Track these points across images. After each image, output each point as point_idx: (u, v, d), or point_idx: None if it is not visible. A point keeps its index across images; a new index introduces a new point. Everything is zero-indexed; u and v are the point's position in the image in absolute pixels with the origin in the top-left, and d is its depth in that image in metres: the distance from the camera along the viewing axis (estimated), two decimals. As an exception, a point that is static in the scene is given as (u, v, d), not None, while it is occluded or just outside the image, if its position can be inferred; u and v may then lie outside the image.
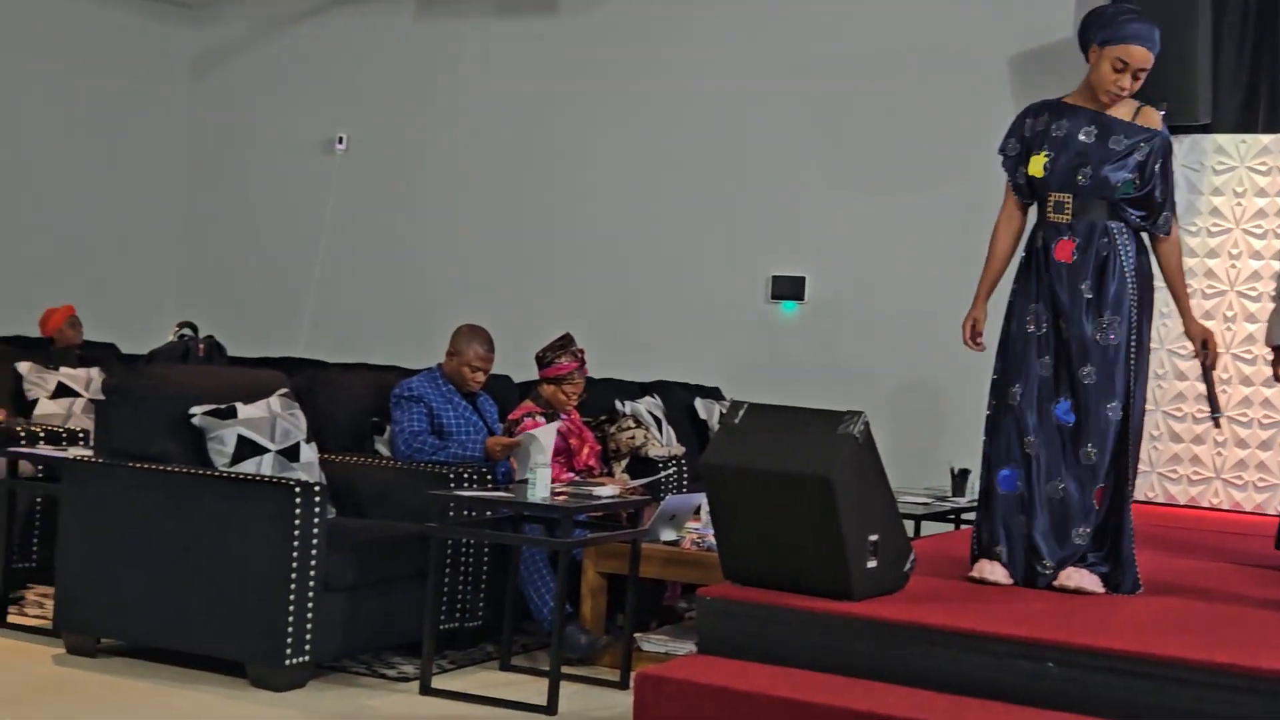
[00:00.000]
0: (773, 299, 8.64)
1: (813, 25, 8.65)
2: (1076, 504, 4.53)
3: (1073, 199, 4.59)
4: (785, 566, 4.21)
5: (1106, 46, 4.54)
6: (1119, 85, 4.54)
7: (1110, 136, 4.57)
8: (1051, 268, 4.60)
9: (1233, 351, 7.48)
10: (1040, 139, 4.65)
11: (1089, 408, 4.53)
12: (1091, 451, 4.53)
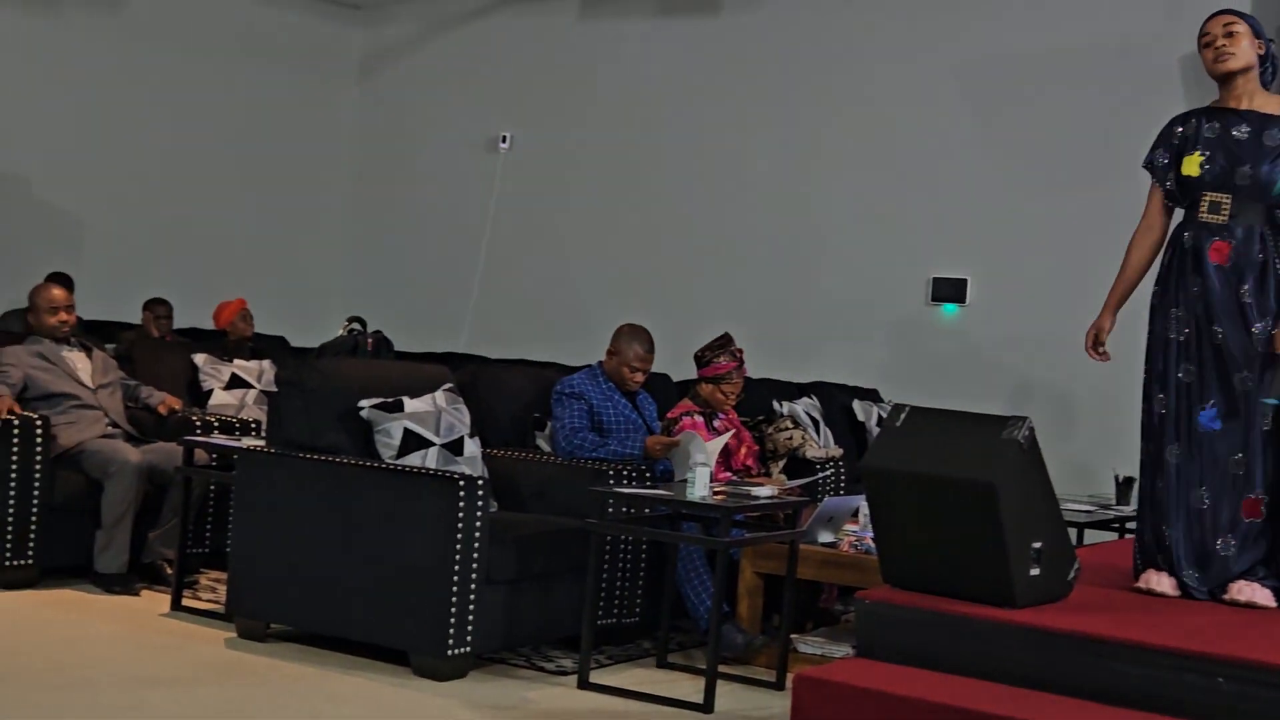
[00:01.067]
0: (933, 301, 8.56)
1: (977, 23, 8.56)
2: (1221, 514, 4.43)
3: (1231, 199, 4.49)
4: (946, 572, 4.18)
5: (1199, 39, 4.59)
6: (1214, 52, 4.50)
7: (1265, 132, 4.48)
8: (1205, 270, 4.50)
9: None
10: (1193, 141, 4.57)
11: (1242, 414, 4.42)
12: (1241, 460, 4.42)
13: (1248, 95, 4.58)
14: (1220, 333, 4.48)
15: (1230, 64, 4.55)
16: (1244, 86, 4.58)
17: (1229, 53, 4.54)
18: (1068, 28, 8.31)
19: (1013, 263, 8.34)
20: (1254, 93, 4.59)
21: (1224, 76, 4.59)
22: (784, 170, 9.06)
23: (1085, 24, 8.26)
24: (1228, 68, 4.56)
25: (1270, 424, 4.45)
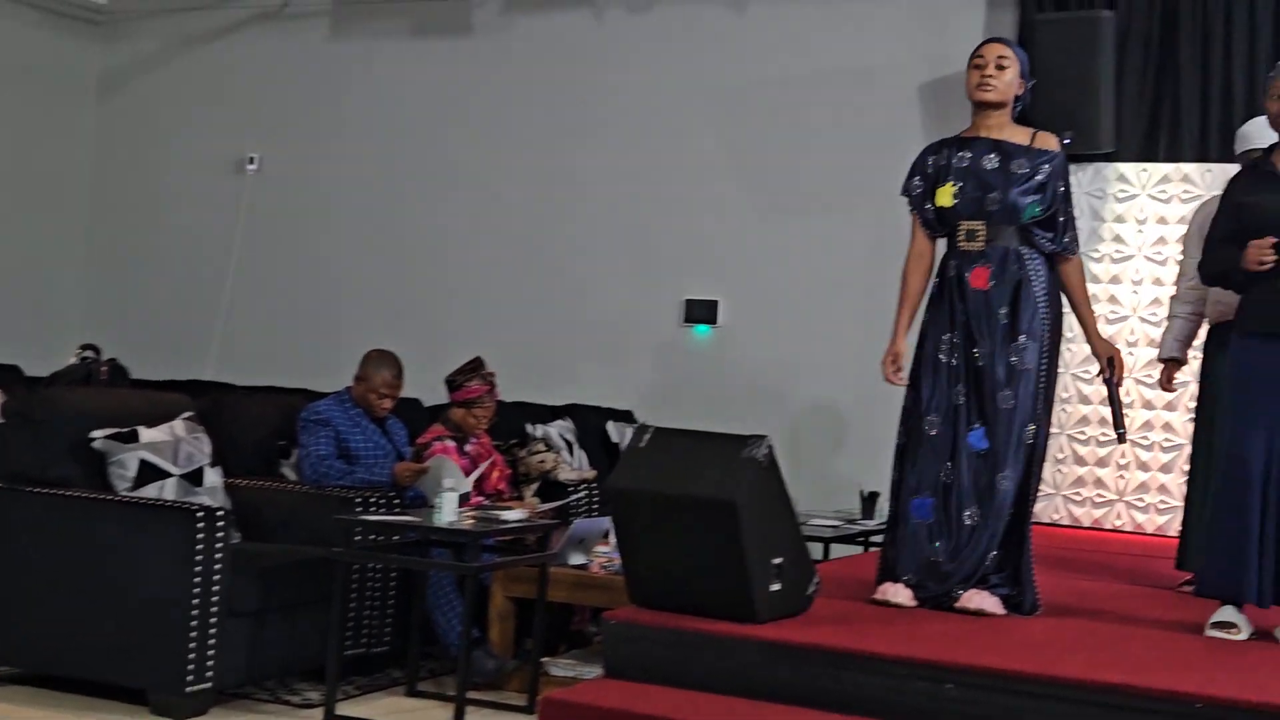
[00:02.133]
0: (686, 322, 8.67)
1: (727, 49, 8.71)
2: (988, 530, 4.59)
3: (985, 226, 4.67)
4: (690, 590, 4.23)
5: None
6: (980, 77, 4.66)
7: (1012, 161, 4.66)
8: (967, 296, 4.66)
9: (1135, 376, 7.60)
10: (945, 171, 4.74)
11: (1004, 433, 4.59)
12: (1004, 478, 4.59)
13: (999, 127, 4.77)
14: (982, 356, 4.64)
15: (990, 95, 4.72)
16: (996, 118, 4.77)
17: (992, 84, 4.70)
18: (815, 55, 8.52)
19: (762, 285, 8.50)
20: (1004, 125, 4.78)
21: (980, 104, 4.76)
22: (537, 192, 9.06)
23: (831, 51, 8.47)
24: (986, 98, 4.72)
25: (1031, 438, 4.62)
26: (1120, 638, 4.40)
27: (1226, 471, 4.49)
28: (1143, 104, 7.82)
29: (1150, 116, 7.81)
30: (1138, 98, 7.82)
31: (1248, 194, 4.54)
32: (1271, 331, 4.43)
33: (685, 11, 8.84)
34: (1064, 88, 7.56)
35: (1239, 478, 4.43)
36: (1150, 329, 7.59)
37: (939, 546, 4.59)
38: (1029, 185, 4.65)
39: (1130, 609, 4.96)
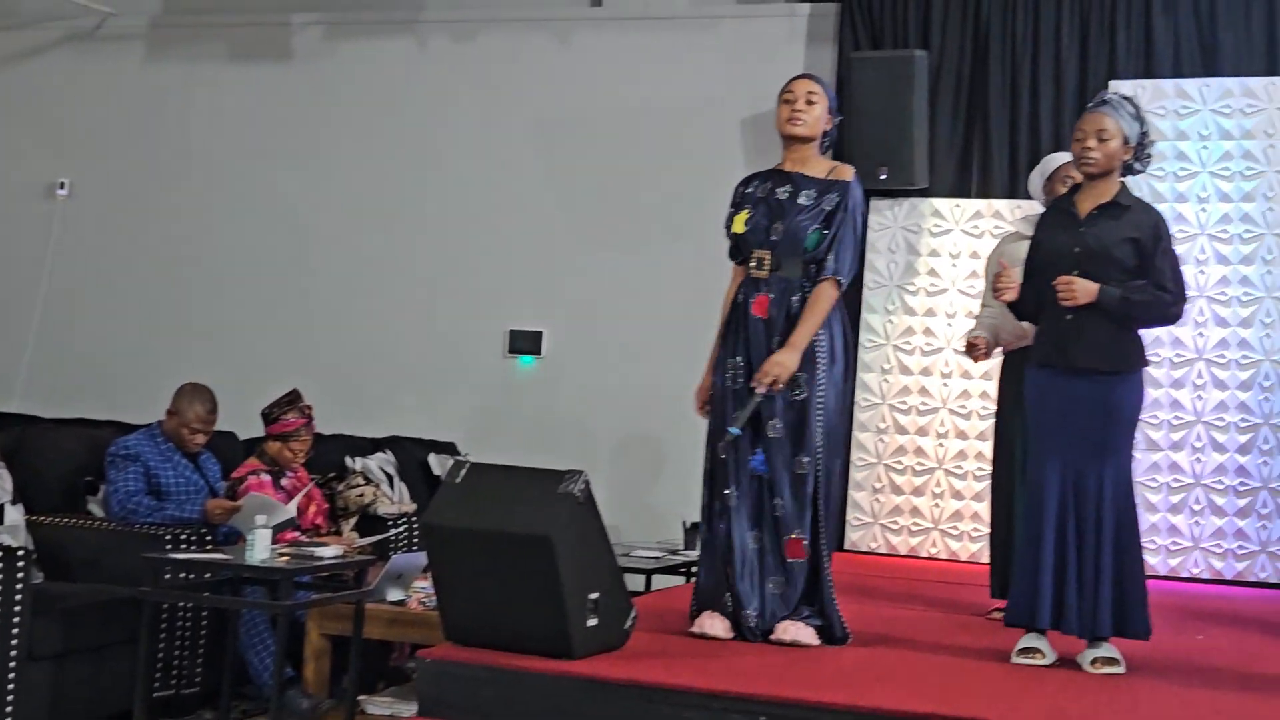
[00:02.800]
0: (510, 353, 8.64)
1: (551, 80, 8.74)
2: (769, 555, 4.65)
3: (770, 255, 4.74)
4: (506, 626, 4.19)
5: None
6: (790, 112, 4.74)
7: (801, 193, 4.75)
8: (749, 323, 4.73)
9: (950, 406, 7.78)
10: (745, 200, 4.82)
11: (778, 461, 4.65)
12: (780, 504, 4.64)
13: (803, 160, 4.84)
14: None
15: (799, 129, 4.79)
16: (802, 152, 4.84)
17: (801, 119, 4.78)
18: (638, 87, 8.59)
19: (587, 315, 8.52)
20: (809, 159, 4.85)
21: (789, 138, 4.83)
22: (358, 222, 8.96)
23: (655, 84, 8.55)
24: (796, 132, 4.80)
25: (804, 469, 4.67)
26: (930, 666, 4.47)
27: (1028, 501, 4.62)
28: (955, 141, 8.04)
29: (962, 153, 8.04)
30: (950, 135, 8.04)
31: (1042, 232, 4.69)
32: (1061, 365, 4.56)
33: (509, 42, 8.85)
34: (880, 124, 7.75)
35: (1036, 507, 4.56)
36: (964, 360, 7.77)
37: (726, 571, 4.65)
38: (813, 215, 4.73)
39: (942, 637, 5.05)
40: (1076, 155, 4.65)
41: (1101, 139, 4.58)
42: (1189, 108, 7.58)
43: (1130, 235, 4.56)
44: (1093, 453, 4.52)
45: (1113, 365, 4.54)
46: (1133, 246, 4.55)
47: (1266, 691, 4.37)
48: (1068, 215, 4.66)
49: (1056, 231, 4.65)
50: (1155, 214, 4.66)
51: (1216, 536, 7.36)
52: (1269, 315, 7.34)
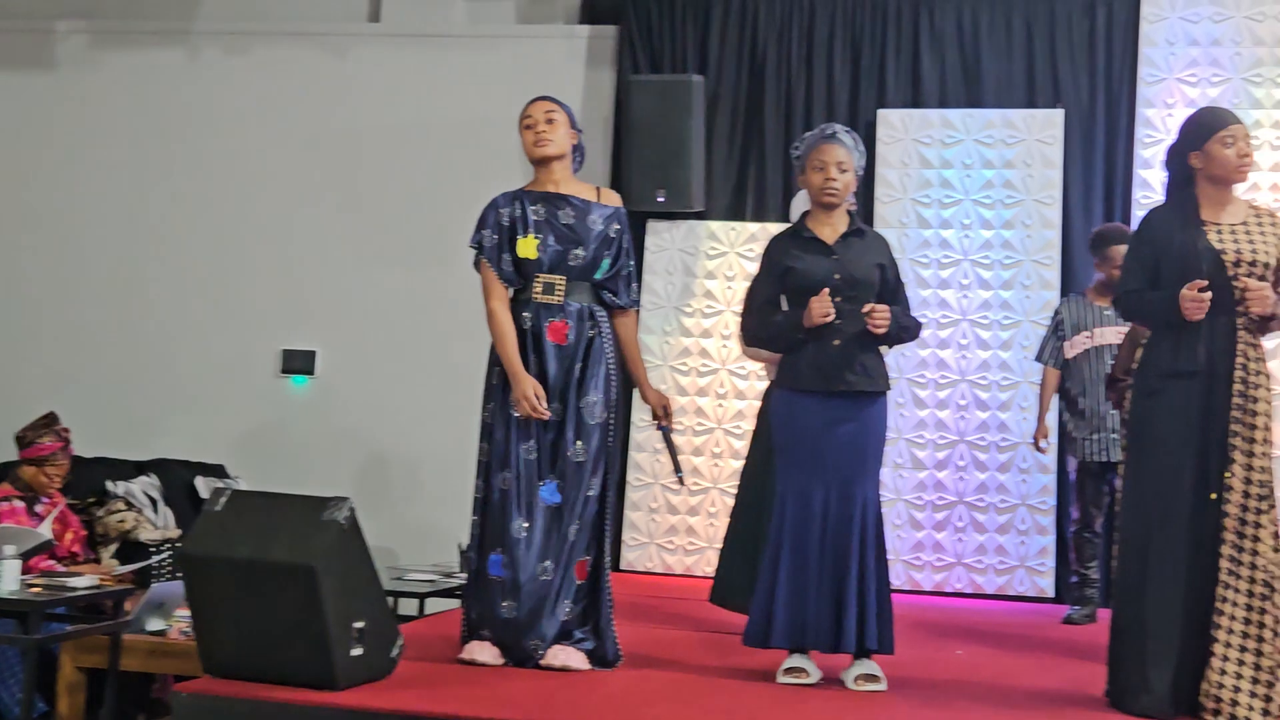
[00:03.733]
0: (283, 373, 8.47)
1: (328, 95, 8.60)
2: (561, 582, 4.63)
3: (565, 280, 4.73)
4: (268, 658, 4.09)
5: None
6: (535, 135, 4.79)
7: (588, 216, 4.76)
8: (544, 350, 4.71)
9: (725, 426, 7.89)
10: (523, 223, 4.77)
11: (574, 486, 4.65)
12: (575, 529, 4.65)
13: (564, 180, 4.85)
14: (553, 408, 4.68)
15: (549, 150, 4.80)
16: (559, 171, 4.85)
17: (549, 139, 4.79)
18: (417, 105, 8.51)
19: (362, 335, 8.40)
20: (568, 179, 4.87)
21: (541, 160, 4.83)
22: (122, 237, 8.67)
23: (434, 102, 8.49)
24: (547, 152, 4.81)
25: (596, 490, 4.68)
26: (698, 688, 4.51)
27: (783, 523, 4.68)
28: (731, 165, 8.17)
29: (738, 177, 8.17)
30: (727, 159, 8.16)
31: (796, 260, 4.76)
32: (825, 389, 4.66)
33: (284, 55, 8.68)
34: (658, 147, 7.82)
35: (796, 530, 4.64)
36: (738, 381, 7.89)
37: (513, 604, 4.60)
38: (603, 241, 4.77)
39: (711, 658, 5.10)
40: (819, 186, 4.76)
41: (842, 170, 4.74)
42: (954, 137, 7.83)
43: (878, 260, 4.74)
44: (851, 473, 4.63)
45: (873, 386, 4.68)
46: (880, 272, 4.72)
47: (1020, 706, 4.51)
48: (816, 243, 4.76)
49: (811, 258, 4.74)
50: (885, 240, 4.90)
51: (978, 552, 7.60)
52: (1027, 338, 7.61)
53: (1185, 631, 4.38)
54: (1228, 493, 4.36)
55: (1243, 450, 4.37)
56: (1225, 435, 4.39)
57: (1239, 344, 4.43)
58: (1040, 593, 7.52)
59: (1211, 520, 4.38)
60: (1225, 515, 4.35)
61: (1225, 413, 4.40)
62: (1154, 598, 4.41)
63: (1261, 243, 4.48)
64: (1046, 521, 7.55)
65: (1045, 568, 7.54)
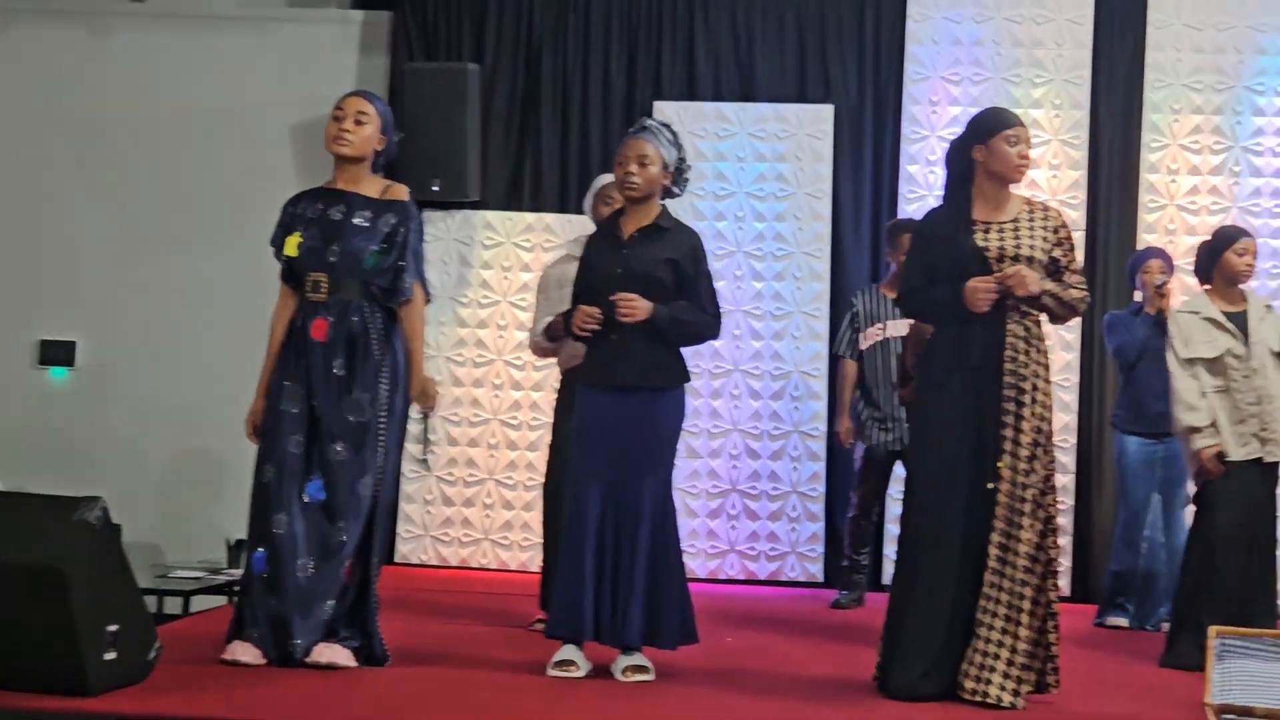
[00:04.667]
0: (40, 364, 8.14)
1: (89, 79, 8.28)
2: (326, 580, 4.56)
3: (327, 277, 4.66)
4: (17, 664, 3.94)
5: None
6: (338, 131, 4.70)
7: (356, 213, 4.69)
8: (308, 347, 4.64)
9: (500, 417, 7.86)
10: (297, 221, 4.70)
11: (340, 485, 4.58)
12: (342, 528, 4.58)
13: (355, 179, 4.77)
14: (319, 407, 4.60)
15: (344, 149, 4.71)
16: (354, 172, 4.77)
17: (348, 139, 4.70)
18: (184, 89, 8.25)
19: (127, 325, 8.12)
20: (361, 178, 4.78)
21: (339, 158, 4.74)
22: None
23: (202, 86, 8.24)
24: (342, 151, 4.72)
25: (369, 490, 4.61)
26: (467, 683, 4.49)
27: (570, 516, 4.70)
28: (508, 155, 8.14)
29: (515, 167, 8.14)
30: (503, 148, 8.13)
31: (590, 255, 4.79)
32: (607, 383, 4.69)
33: (42, 35, 8.34)
34: (433, 136, 7.74)
35: (578, 523, 4.66)
36: (515, 371, 7.88)
37: (275, 601, 4.52)
38: (371, 237, 4.69)
39: (483, 651, 5.09)
40: (619, 179, 4.79)
41: (643, 164, 4.74)
42: (728, 130, 7.93)
43: (670, 256, 4.74)
44: (635, 468, 4.67)
45: (657, 382, 4.71)
46: (672, 268, 4.74)
47: (787, 692, 4.61)
48: (612, 238, 4.79)
49: (603, 254, 4.77)
50: (694, 236, 4.87)
51: (751, 540, 7.73)
52: (799, 329, 7.77)
53: (953, 617, 4.53)
54: (1000, 483, 4.51)
55: (1013, 440, 4.53)
56: (999, 427, 4.54)
57: (1008, 338, 4.58)
58: (811, 578, 7.69)
59: (985, 510, 4.52)
60: (996, 504, 4.51)
61: (998, 405, 4.55)
62: (928, 584, 4.55)
63: (1028, 238, 4.64)
64: (817, 508, 7.72)
65: (815, 553, 7.72)
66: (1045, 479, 4.57)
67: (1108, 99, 7.90)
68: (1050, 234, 4.67)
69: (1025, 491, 4.50)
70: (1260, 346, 5.54)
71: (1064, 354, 7.67)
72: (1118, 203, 7.87)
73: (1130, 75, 7.89)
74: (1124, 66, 7.90)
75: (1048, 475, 4.58)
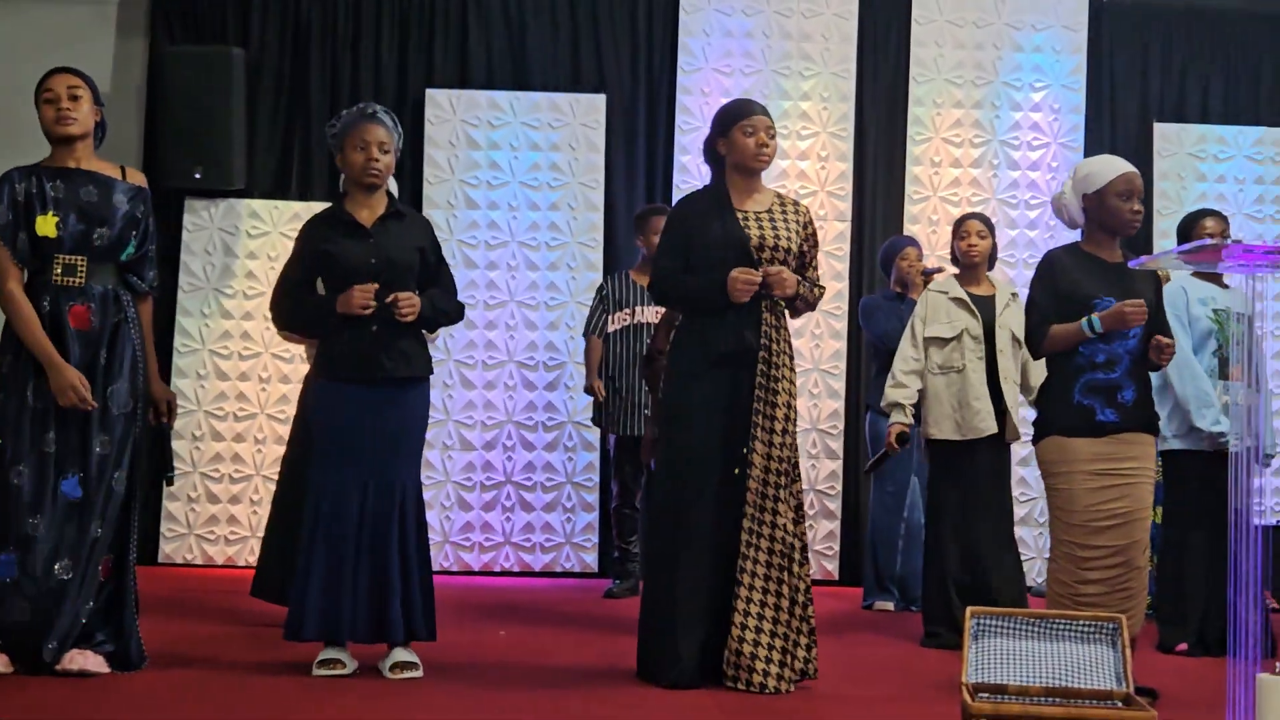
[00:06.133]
0: None
1: None
2: (81, 582, 4.37)
3: (86, 261, 4.47)
4: None
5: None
6: (56, 112, 4.52)
7: (113, 195, 4.53)
8: (66, 335, 4.43)
9: (268, 412, 7.66)
10: (42, 201, 4.48)
11: (99, 480, 4.40)
12: (95, 525, 4.40)
13: (86, 158, 4.59)
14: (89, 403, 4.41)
15: (72, 129, 4.53)
16: (82, 149, 4.59)
17: (72, 117, 4.52)
18: None
19: None
20: (90, 156, 4.61)
21: (62, 139, 4.55)
22: None
23: None
24: (69, 132, 4.53)
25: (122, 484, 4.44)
26: (226, 686, 4.35)
27: (321, 515, 4.58)
28: (274, 142, 7.93)
29: (281, 154, 7.94)
30: (270, 135, 7.91)
31: (330, 244, 4.67)
32: (364, 376, 4.59)
33: None
34: (195, 122, 7.50)
35: (333, 521, 4.55)
36: (283, 364, 7.68)
37: (26, 606, 4.31)
38: (129, 222, 4.55)
39: (246, 653, 4.94)
40: (361, 166, 4.68)
41: (384, 150, 4.69)
42: (501, 119, 7.86)
43: (418, 244, 4.71)
44: (394, 461, 4.58)
45: (420, 372, 4.65)
46: (420, 255, 4.70)
47: (553, 683, 4.58)
48: (352, 225, 4.68)
49: (346, 242, 4.66)
50: (429, 222, 4.93)
51: (526, 531, 7.69)
52: (573, 319, 7.75)
53: (711, 603, 4.57)
54: (750, 469, 4.56)
55: (764, 428, 4.58)
56: (750, 414, 4.59)
57: (763, 326, 4.64)
58: (586, 568, 7.69)
59: (736, 495, 4.57)
60: (747, 490, 4.56)
61: (750, 392, 4.60)
62: (684, 571, 4.57)
63: (784, 229, 4.71)
64: (591, 498, 7.72)
65: (590, 544, 7.72)
66: (795, 465, 4.65)
67: (873, 92, 8.09)
68: (801, 229, 4.77)
69: (778, 478, 4.57)
70: (1004, 330, 5.75)
71: (833, 342, 7.83)
72: (883, 194, 8.06)
73: (895, 69, 8.09)
74: (889, 61, 8.10)
75: (794, 458, 4.66)
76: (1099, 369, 4.59)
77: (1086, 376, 4.60)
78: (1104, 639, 3.66)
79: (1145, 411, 4.65)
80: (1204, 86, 8.32)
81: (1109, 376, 4.59)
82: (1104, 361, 4.60)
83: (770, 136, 4.75)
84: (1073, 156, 7.97)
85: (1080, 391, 4.60)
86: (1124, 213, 4.67)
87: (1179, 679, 4.99)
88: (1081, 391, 4.60)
